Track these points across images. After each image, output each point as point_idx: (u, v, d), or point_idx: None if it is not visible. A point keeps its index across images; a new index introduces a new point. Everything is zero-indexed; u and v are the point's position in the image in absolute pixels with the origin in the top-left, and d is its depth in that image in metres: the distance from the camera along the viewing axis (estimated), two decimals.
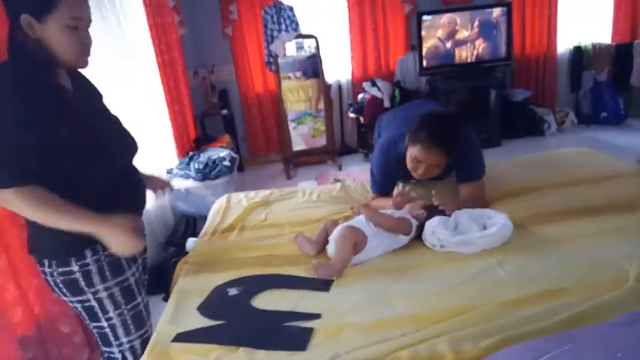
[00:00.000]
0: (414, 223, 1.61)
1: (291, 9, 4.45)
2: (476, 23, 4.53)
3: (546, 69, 4.97)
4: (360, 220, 1.63)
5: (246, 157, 4.87)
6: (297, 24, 4.48)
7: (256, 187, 2.44)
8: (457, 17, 4.52)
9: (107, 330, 1.34)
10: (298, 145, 4.61)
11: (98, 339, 1.38)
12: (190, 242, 1.86)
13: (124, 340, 1.35)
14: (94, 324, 1.34)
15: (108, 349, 1.37)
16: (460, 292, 1.31)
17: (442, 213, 1.70)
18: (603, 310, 1.12)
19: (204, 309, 1.35)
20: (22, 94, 1.14)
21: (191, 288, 1.49)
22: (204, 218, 2.10)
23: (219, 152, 3.55)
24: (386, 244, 1.58)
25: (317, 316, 1.27)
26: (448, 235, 1.54)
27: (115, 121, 1.43)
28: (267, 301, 1.37)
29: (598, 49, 4.89)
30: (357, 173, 4.28)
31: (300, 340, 1.18)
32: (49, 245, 1.26)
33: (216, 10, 4.43)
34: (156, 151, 3.37)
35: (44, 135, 1.16)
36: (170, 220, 3.24)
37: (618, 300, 1.16)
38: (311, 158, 4.68)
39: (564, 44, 5.02)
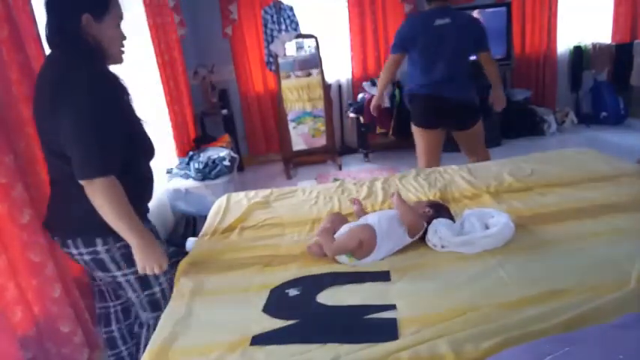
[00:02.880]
0: (424, 225, 1.61)
1: (291, 9, 4.45)
2: None
3: (546, 69, 4.97)
4: (367, 219, 1.64)
5: (246, 156, 4.87)
6: (297, 24, 4.48)
7: (256, 186, 2.44)
8: None
9: (159, 295, 1.56)
10: (298, 144, 4.61)
11: (148, 305, 1.54)
12: (190, 242, 1.86)
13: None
14: (147, 292, 1.53)
15: (154, 314, 1.53)
16: (461, 292, 1.31)
17: (448, 212, 1.70)
18: (605, 312, 1.11)
19: (271, 310, 1.33)
20: (104, 82, 1.31)
21: (191, 288, 1.49)
22: (204, 218, 2.10)
23: (219, 152, 3.55)
24: (393, 245, 1.58)
25: (393, 307, 1.27)
26: (450, 235, 1.54)
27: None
28: (331, 297, 1.36)
29: (598, 49, 4.89)
30: (357, 173, 4.28)
31: (388, 330, 1.18)
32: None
33: (216, 9, 4.43)
34: (156, 150, 3.37)
35: (119, 124, 1.33)
36: (170, 220, 3.24)
37: (620, 301, 1.15)
38: (311, 158, 4.68)
39: (564, 44, 5.02)
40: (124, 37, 1.41)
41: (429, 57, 2.57)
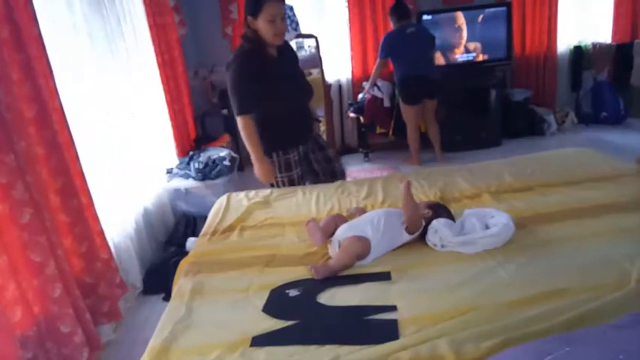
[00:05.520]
0: (423, 223, 1.61)
1: (291, 9, 4.44)
2: (476, 23, 4.53)
3: (546, 69, 4.97)
4: (367, 221, 1.63)
5: (247, 156, 4.85)
6: (297, 24, 4.47)
7: (256, 186, 2.43)
8: (457, 17, 4.52)
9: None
10: None
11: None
12: (190, 242, 1.86)
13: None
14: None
15: None
16: (461, 292, 1.31)
17: (448, 213, 1.69)
18: (605, 312, 1.12)
19: (271, 310, 1.33)
20: (247, 59, 2.06)
21: (191, 288, 1.49)
22: (204, 218, 2.10)
23: (220, 152, 3.55)
24: (388, 246, 1.58)
25: (393, 307, 1.27)
26: (450, 235, 1.54)
27: (300, 76, 2.34)
28: (331, 298, 1.36)
29: (598, 49, 4.89)
30: (357, 173, 4.28)
31: (389, 331, 1.18)
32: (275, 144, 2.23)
33: (216, 9, 4.43)
34: (156, 150, 3.37)
35: (257, 83, 2.05)
36: (170, 220, 3.24)
37: (620, 301, 1.15)
38: None
39: (564, 44, 5.02)
40: (277, 29, 2.02)
41: (408, 53, 3.96)
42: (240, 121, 2.10)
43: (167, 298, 2.33)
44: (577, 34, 5.00)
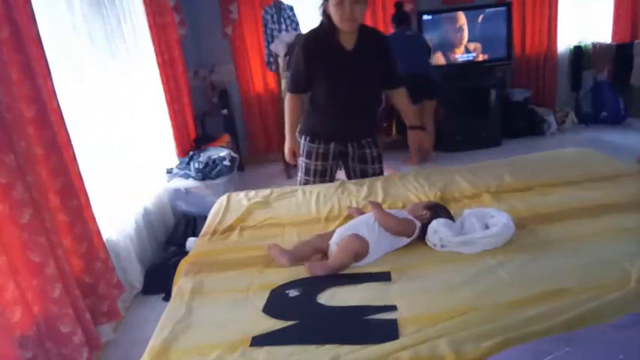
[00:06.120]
0: (418, 225, 1.60)
1: (291, 9, 4.45)
2: (476, 23, 4.53)
3: (546, 69, 4.97)
4: (362, 222, 1.62)
5: (246, 156, 4.87)
6: (297, 24, 4.47)
7: (256, 186, 2.44)
8: (457, 17, 4.52)
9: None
10: None
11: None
12: (190, 242, 1.86)
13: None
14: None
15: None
16: (461, 292, 1.31)
17: (447, 213, 1.69)
18: (605, 312, 1.11)
19: (271, 311, 1.33)
20: (309, 41, 2.12)
21: (191, 288, 1.49)
22: (204, 218, 2.10)
23: (220, 152, 3.55)
24: (387, 247, 1.58)
25: (393, 307, 1.27)
26: (449, 235, 1.54)
27: (369, 76, 2.16)
28: (331, 298, 1.36)
29: (598, 49, 4.89)
30: None
31: (389, 331, 1.17)
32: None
33: (216, 9, 4.43)
34: (156, 150, 3.37)
35: (310, 68, 2.09)
36: (170, 220, 3.24)
37: (620, 301, 1.15)
38: None
39: (564, 44, 5.02)
40: (345, 13, 1.95)
41: (407, 53, 3.89)
42: (287, 96, 2.22)
43: (167, 298, 2.33)
44: (577, 34, 5.00)
